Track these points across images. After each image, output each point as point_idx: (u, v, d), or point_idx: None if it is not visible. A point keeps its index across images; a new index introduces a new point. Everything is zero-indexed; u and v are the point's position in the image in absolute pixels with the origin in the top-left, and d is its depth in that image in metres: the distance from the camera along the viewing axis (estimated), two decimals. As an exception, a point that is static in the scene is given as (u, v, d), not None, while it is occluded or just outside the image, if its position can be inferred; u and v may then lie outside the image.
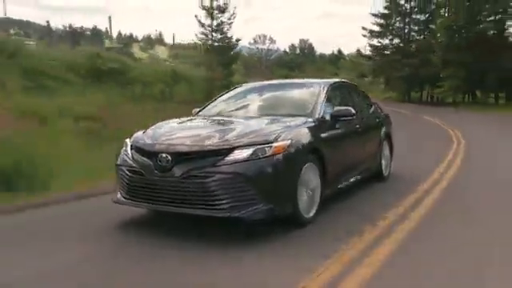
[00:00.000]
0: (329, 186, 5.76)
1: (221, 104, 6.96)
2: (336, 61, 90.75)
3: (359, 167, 6.99)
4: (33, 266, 4.21)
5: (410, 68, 48.71)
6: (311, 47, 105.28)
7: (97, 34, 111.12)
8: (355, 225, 5.32)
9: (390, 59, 52.17)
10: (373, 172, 7.53)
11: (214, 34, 36.68)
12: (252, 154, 4.79)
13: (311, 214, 5.38)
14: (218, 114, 6.54)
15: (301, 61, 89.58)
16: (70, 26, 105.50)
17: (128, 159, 5.31)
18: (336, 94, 6.83)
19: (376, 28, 54.45)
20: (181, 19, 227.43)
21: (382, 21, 54.29)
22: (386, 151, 8.27)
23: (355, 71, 60.86)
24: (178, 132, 5.63)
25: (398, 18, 53.70)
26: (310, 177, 5.38)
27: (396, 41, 54.67)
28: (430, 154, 12.05)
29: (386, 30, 54.34)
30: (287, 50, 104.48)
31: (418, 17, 53.32)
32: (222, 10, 36.67)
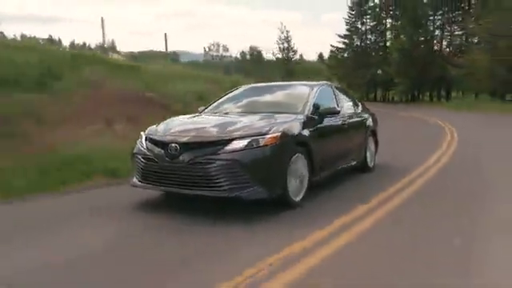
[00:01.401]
0: (316, 174, 5.29)
1: (223, 102, 6.44)
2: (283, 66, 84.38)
3: (345, 159, 6.40)
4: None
5: (370, 75, 51.78)
6: (260, 53, 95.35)
7: (52, 43, 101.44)
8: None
9: (353, 69, 53.26)
10: (358, 163, 6.89)
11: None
12: (247, 144, 4.47)
13: (299, 198, 4.93)
14: (220, 111, 6.06)
15: (251, 66, 76.35)
16: (23, 36, 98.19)
17: (143, 148, 4.93)
18: (324, 94, 6.27)
19: (340, 45, 56.55)
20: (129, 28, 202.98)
21: (345, 40, 55.76)
22: (371, 145, 7.50)
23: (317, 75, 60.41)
24: (185, 126, 5.23)
25: (356, 38, 55.44)
26: (299, 166, 4.94)
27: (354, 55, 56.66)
28: (419, 123, 19.61)
29: (348, 47, 55.83)
30: (238, 56, 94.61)
31: (371, 37, 55.43)
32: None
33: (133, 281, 3.10)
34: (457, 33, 47.26)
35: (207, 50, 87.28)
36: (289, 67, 57.94)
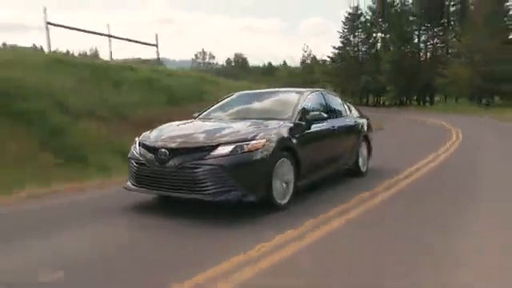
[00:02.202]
0: (302, 178, 4.84)
1: (216, 109, 5.88)
2: (268, 72, 74.02)
3: (334, 163, 5.79)
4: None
5: (363, 83, 50.61)
6: (245, 60, 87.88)
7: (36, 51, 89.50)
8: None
9: (347, 77, 52.15)
10: (350, 168, 6.24)
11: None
12: (232, 150, 4.11)
13: (285, 201, 4.51)
14: (212, 118, 5.59)
15: (236, 72, 66.23)
16: (4, 44, 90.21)
17: (136, 153, 4.56)
18: (314, 100, 5.79)
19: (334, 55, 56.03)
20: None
21: (339, 51, 54.60)
22: (364, 150, 6.69)
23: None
24: (176, 132, 4.81)
25: (349, 49, 54.44)
26: (284, 170, 4.51)
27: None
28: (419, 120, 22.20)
29: (340, 57, 54.29)
30: (224, 63, 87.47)
31: (363, 48, 54.62)
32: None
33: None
34: (439, 45, 48.14)
35: (194, 57, 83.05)
36: (312, 77, 58.90)
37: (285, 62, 70.03)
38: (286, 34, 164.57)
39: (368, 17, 53.58)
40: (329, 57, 56.20)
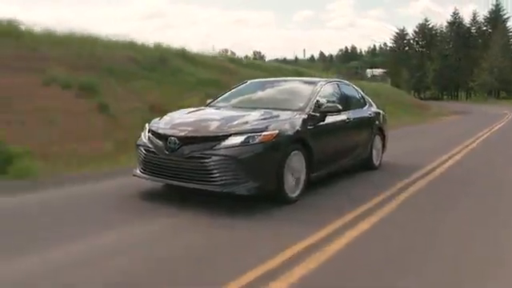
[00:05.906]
0: (314, 170, 3.54)
1: (228, 97, 4.45)
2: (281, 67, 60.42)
3: (347, 156, 4.26)
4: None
5: (412, 83, 55.14)
6: (263, 57, 72.34)
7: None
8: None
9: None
10: (363, 161, 4.73)
11: None
12: (243, 141, 3.00)
13: (296, 194, 3.26)
14: (224, 106, 4.17)
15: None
16: None
17: (145, 140, 3.38)
18: (328, 91, 4.42)
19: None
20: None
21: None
22: (378, 144, 5.05)
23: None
24: (186, 119, 3.60)
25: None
26: (296, 163, 3.22)
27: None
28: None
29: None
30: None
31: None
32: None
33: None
34: (468, 58, 51.09)
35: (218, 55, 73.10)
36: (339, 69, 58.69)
37: (296, 58, 62.27)
38: (279, 27, 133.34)
39: (412, 36, 58.06)
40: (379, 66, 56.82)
